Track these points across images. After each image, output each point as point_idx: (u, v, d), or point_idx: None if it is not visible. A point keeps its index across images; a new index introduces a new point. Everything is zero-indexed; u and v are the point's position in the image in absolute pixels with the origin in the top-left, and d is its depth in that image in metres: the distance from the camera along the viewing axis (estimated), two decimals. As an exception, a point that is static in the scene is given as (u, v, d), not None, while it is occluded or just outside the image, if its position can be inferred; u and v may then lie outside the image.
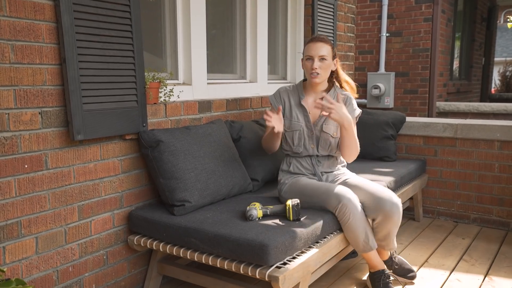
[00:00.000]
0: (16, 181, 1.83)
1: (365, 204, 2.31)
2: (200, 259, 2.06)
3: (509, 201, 3.43)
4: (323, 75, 2.42)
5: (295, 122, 2.49)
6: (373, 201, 2.29)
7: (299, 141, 2.48)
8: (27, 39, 1.82)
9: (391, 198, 2.28)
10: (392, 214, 2.26)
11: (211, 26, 3.07)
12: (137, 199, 2.37)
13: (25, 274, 1.91)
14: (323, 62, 2.39)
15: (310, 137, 2.48)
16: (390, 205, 2.25)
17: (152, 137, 2.23)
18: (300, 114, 2.50)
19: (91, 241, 2.16)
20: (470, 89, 8.77)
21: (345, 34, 4.33)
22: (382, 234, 2.35)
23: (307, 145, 2.48)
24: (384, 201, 2.26)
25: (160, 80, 2.40)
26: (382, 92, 6.02)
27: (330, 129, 2.46)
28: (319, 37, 2.44)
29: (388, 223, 2.29)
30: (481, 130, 3.46)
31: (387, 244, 2.40)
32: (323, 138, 2.46)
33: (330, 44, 2.44)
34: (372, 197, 2.30)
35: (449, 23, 7.03)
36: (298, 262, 1.95)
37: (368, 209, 2.30)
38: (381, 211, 2.26)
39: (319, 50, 2.38)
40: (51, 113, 1.93)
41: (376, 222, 2.31)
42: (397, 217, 2.28)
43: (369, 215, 2.31)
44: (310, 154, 2.49)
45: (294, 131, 2.48)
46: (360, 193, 2.34)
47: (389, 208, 2.25)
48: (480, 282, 2.58)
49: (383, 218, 2.27)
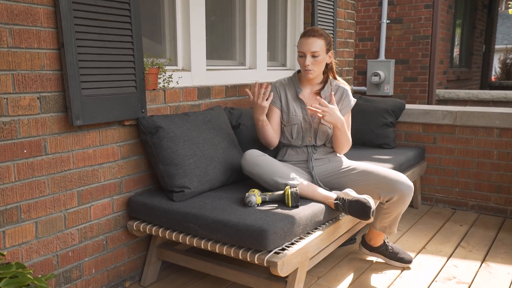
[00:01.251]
0: (15, 166, 1.84)
1: (379, 187, 2.31)
2: (199, 245, 2.07)
3: (507, 188, 3.44)
4: (316, 70, 2.40)
5: (293, 115, 2.48)
6: (388, 183, 2.29)
7: (297, 135, 2.49)
8: (24, 23, 1.80)
9: (405, 180, 2.29)
10: (407, 195, 2.27)
11: (210, 12, 3.05)
12: (136, 185, 2.37)
13: (25, 258, 1.92)
14: (315, 58, 2.36)
15: (308, 130, 2.48)
16: (405, 187, 2.27)
17: (151, 123, 2.23)
18: (297, 107, 2.49)
19: (90, 226, 2.17)
20: (470, 77, 8.75)
21: (345, 20, 4.30)
22: (392, 217, 2.37)
23: (305, 137, 2.49)
24: (399, 183, 2.27)
25: (159, 66, 2.39)
26: (382, 80, 6.01)
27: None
28: (312, 31, 2.38)
29: (401, 205, 2.31)
30: (481, 118, 3.46)
31: (390, 227, 2.43)
32: (321, 130, 2.46)
33: (324, 37, 2.38)
34: (386, 179, 2.30)
35: (450, 10, 6.98)
36: (296, 247, 1.96)
37: (383, 191, 2.30)
38: (397, 192, 2.27)
39: (311, 46, 2.34)
40: (49, 98, 1.92)
41: (390, 203, 2.31)
42: (410, 197, 2.30)
43: (384, 196, 2.31)
44: (307, 145, 2.50)
45: (293, 125, 2.48)
46: (371, 177, 2.34)
47: (405, 189, 2.26)
48: (477, 268, 2.60)
49: (398, 198, 2.28)
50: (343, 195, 2.19)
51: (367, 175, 2.36)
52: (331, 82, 2.50)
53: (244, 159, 2.31)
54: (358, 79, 6.51)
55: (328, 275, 2.52)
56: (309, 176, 2.47)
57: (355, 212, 2.13)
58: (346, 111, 2.49)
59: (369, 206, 2.08)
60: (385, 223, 2.42)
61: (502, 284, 2.41)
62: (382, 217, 2.40)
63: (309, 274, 2.51)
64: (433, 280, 2.46)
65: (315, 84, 2.51)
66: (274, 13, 3.68)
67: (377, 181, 2.32)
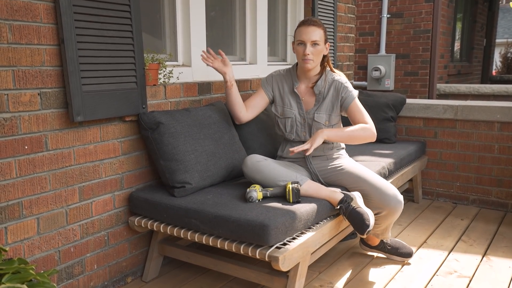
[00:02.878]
0: (17, 162, 1.84)
1: (369, 197, 2.30)
2: (201, 240, 2.07)
3: (508, 182, 3.44)
4: (315, 60, 2.34)
5: (288, 109, 2.46)
6: (378, 197, 2.27)
7: (291, 128, 2.47)
8: (24, 19, 1.80)
9: (396, 196, 2.27)
10: (396, 210, 2.28)
11: (210, 7, 3.04)
12: (138, 180, 2.38)
13: (27, 254, 1.92)
14: (315, 47, 2.31)
15: (303, 125, 2.45)
16: (395, 203, 2.26)
17: (152, 119, 2.23)
18: (293, 101, 2.46)
19: (92, 222, 2.17)
20: (471, 71, 8.73)
21: (346, 15, 4.29)
22: (382, 228, 2.40)
23: (299, 132, 2.46)
24: (390, 198, 2.26)
25: (159, 61, 2.38)
26: (382, 74, 6.00)
27: (321, 118, 2.41)
28: (312, 20, 2.34)
29: (390, 218, 2.32)
30: (481, 112, 3.45)
31: (383, 234, 2.47)
32: (315, 126, 2.42)
33: (323, 27, 2.35)
34: (377, 192, 2.28)
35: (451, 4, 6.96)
36: (298, 242, 1.97)
37: (372, 203, 2.30)
38: (386, 207, 2.27)
39: (311, 34, 2.29)
40: (50, 94, 1.92)
41: (379, 216, 2.33)
42: (399, 212, 2.31)
43: (373, 208, 2.30)
44: (302, 140, 2.48)
45: (287, 118, 2.46)
46: (364, 185, 2.31)
47: (393, 205, 2.26)
48: (478, 262, 2.60)
49: (387, 213, 2.29)
50: (349, 200, 2.19)
51: (362, 182, 2.33)
52: (327, 75, 2.43)
53: (245, 165, 2.27)
54: (358, 74, 6.50)
55: (329, 270, 2.53)
56: (308, 173, 2.46)
57: (353, 222, 2.14)
58: (349, 101, 2.37)
59: (367, 224, 2.09)
60: (377, 231, 2.44)
61: (503, 277, 2.41)
62: (374, 226, 2.40)
63: (310, 269, 2.52)
64: (434, 274, 2.46)
65: (311, 76, 2.43)
66: (274, 8, 3.67)
67: (369, 191, 2.30)
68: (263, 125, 2.77)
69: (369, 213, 2.13)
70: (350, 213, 2.14)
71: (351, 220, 2.15)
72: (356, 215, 2.12)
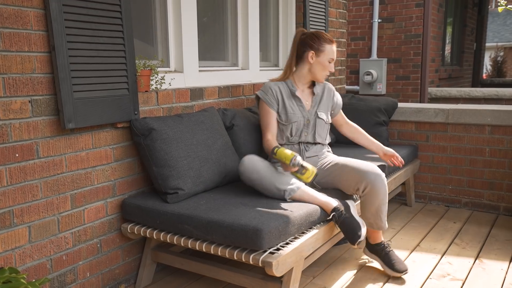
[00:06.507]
0: (7, 170, 1.82)
1: (351, 181, 2.35)
2: (194, 246, 2.07)
3: (499, 185, 3.47)
4: None
5: (291, 113, 2.52)
6: (357, 174, 2.33)
7: (296, 132, 2.53)
8: (14, 26, 1.79)
9: (373, 169, 2.32)
10: (376, 183, 2.28)
11: (202, 13, 3.05)
12: (130, 187, 2.37)
13: (19, 263, 1.91)
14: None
15: (306, 126, 2.55)
16: (374, 176, 2.29)
17: (144, 125, 2.22)
18: (294, 105, 2.54)
19: (84, 229, 2.16)
20: (461, 75, 8.80)
21: (337, 20, 4.31)
22: (371, 211, 2.37)
23: (303, 133, 2.55)
24: (368, 172, 2.30)
25: (151, 67, 2.38)
26: (374, 79, 6.03)
27: (323, 115, 2.59)
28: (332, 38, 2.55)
29: (375, 196, 2.31)
30: (472, 115, 3.48)
31: (376, 222, 2.40)
32: (319, 124, 2.55)
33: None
34: (355, 170, 2.35)
35: (441, 8, 7.03)
36: (291, 247, 1.97)
37: (354, 183, 2.34)
38: (364, 180, 2.30)
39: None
40: (41, 101, 1.91)
41: (363, 194, 2.33)
42: (383, 189, 2.31)
43: (355, 186, 2.35)
44: (302, 141, 2.54)
45: (292, 122, 2.52)
46: (348, 171, 2.38)
47: (373, 178, 2.28)
48: (471, 264, 2.61)
49: (370, 190, 2.30)
50: (342, 209, 2.22)
51: (345, 168, 2.41)
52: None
53: (242, 165, 2.28)
54: (350, 78, 6.54)
55: (323, 274, 2.53)
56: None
57: (345, 231, 2.20)
58: (340, 105, 2.72)
59: (358, 235, 2.15)
60: (369, 218, 2.40)
61: (496, 280, 2.43)
62: (364, 213, 2.41)
63: (304, 274, 2.51)
64: (427, 277, 2.47)
65: (306, 82, 2.60)
66: (266, 13, 3.69)
67: (350, 174, 2.37)
68: (256, 131, 2.77)
69: (361, 224, 2.19)
70: (342, 222, 2.20)
71: (343, 229, 2.21)
72: (348, 224, 2.19)
